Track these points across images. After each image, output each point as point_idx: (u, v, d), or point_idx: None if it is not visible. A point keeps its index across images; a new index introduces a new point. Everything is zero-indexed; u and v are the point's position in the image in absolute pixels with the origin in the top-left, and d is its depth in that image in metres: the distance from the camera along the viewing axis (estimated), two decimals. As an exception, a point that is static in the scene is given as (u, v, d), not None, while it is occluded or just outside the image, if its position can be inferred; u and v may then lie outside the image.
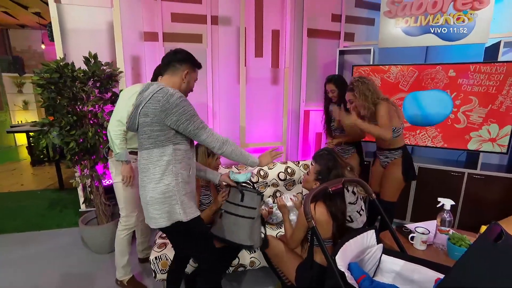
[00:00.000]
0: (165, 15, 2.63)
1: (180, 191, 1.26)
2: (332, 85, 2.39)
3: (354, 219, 1.90)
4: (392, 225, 1.58)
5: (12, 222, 2.88)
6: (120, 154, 1.69)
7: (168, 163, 1.23)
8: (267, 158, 1.48)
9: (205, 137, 1.25)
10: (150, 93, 1.22)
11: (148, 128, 1.23)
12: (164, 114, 1.18)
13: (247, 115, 2.96)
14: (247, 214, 1.44)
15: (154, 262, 1.80)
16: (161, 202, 1.25)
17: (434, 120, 2.62)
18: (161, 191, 1.24)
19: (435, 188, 2.59)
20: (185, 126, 1.21)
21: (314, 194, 1.20)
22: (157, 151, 1.23)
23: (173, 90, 1.22)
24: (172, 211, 1.26)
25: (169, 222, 1.26)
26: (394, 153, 2.05)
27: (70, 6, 2.40)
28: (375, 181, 2.20)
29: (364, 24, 3.24)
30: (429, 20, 2.62)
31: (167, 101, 1.17)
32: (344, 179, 1.31)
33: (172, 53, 1.33)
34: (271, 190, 2.62)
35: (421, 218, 2.63)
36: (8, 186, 3.80)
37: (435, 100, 2.59)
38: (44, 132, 2.05)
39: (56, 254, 2.38)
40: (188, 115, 1.20)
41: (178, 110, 1.18)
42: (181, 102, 1.19)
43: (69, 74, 2.07)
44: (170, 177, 1.24)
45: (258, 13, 2.90)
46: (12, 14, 6.02)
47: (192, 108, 1.23)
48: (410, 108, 2.69)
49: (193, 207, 1.33)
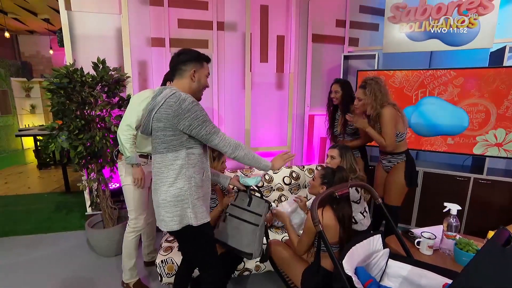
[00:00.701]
0: (172, 21, 2.68)
1: (192, 195, 1.27)
2: (338, 86, 2.41)
3: (358, 220, 1.91)
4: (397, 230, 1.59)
5: (20, 224, 2.92)
6: (131, 158, 1.72)
7: (182, 167, 1.25)
8: (279, 162, 1.47)
9: (217, 141, 1.25)
10: (163, 98, 1.23)
11: (161, 133, 1.24)
12: (176, 119, 1.19)
13: (252, 119, 2.98)
14: (252, 220, 1.44)
15: (160, 266, 1.81)
16: (173, 205, 1.26)
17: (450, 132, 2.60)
18: (174, 194, 1.25)
19: (441, 193, 2.57)
20: (197, 131, 1.22)
21: (321, 198, 1.21)
22: (171, 155, 1.24)
23: (185, 95, 1.23)
24: (184, 214, 1.27)
25: (179, 226, 1.27)
26: (397, 157, 2.05)
27: (80, 13, 2.46)
28: (379, 186, 2.19)
29: (368, 30, 3.27)
30: (433, 25, 2.63)
31: (180, 106, 1.19)
32: (350, 184, 1.32)
33: (175, 56, 1.33)
34: (276, 194, 2.63)
35: (427, 223, 2.62)
36: (16, 189, 3.85)
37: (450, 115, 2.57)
38: (53, 136, 2.09)
39: (62, 257, 2.40)
40: (200, 120, 1.21)
41: (191, 115, 1.19)
42: (193, 107, 1.20)
43: (78, 79, 2.11)
44: (183, 180, 1.25)
45: (263, 19, 2.94)
46: (22, 20, 6.16)
47: (204, 113, 1.23)
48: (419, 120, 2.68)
49: (204, 212, 1.33)
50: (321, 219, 1.48)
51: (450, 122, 2.55)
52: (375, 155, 3.01)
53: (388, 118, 1.92)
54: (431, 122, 2.62)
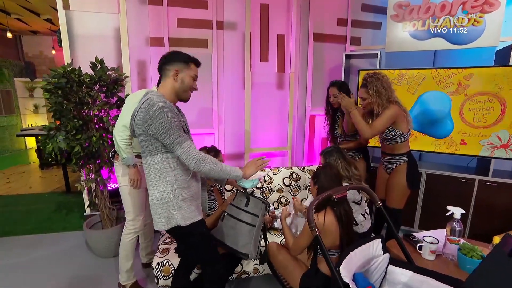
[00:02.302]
0: (171, 20, 2.65)
1: (176, 197, 1.26)
2: (335, 90, 2.36)
3: (359, 222, 1.87)
4: (399, 233, 1.54)
5: (21, 224, 2.92)
6: (127, 159, 1.70)
7: (160, 171, 1.24)
8: (251, 169, 1.39)
9: (180, 152, 1.19)
10: (140, 103, 1.24)
11: (139, 138, 1.25)
12: (145, 125, 1.18)
13: (252, 120, 2.95)
14: (249, 221, 1.41)
15: (156, 268, 1.78)
16: (159, 207, 1.27)
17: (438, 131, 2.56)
18: (157, 197, 1.27)
19: (444, 195, 2.51)
20: (162, 139, 1.18)
21: (318, 201, 1.17)
22: (149, 159, 1.26)
23: (157, 99, 1.19)
24: (170, 216, 1.27)
25: (167, 226, 1.28)
26: (398, 159, 1.99)
27: (79, 13, 2.45)
28: (380, 187, 2.14)
29: (370, 28, 3.21)
30: (437, 23, 2.57)
31: (148, 112, 1.17)
32: (349, 186, 1.28)
33: (162, 58, 1.32)
34: (276, 195, 2.59)
35: (430, 226, 2.56)
36: (17, 189, 3.86)
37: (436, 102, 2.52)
38: (50, 136, 2.07)
39: (61, 258, 2.39)
40: (165, 128, 1.16)
41: (156, 122, 1.15)
42: (159, 114, 1.15)
43: (76, 79, 2.10)
44: (165, 184, 1.25)
45: (263, 18, 2.90)
46: (25, 21, 6.19)
47: (170, 121, 1.17)
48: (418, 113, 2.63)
49: (193, 211, 1.31)
50: (323, 222, 1.45)
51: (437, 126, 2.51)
52: (377, 156, 2.96)
53: (388, 115, 1.86)
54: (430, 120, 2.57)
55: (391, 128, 1.92)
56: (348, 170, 1.82)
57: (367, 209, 1.95)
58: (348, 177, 1.81)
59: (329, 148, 1.93)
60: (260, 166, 1.41)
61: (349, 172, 1.82)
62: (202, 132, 2.93)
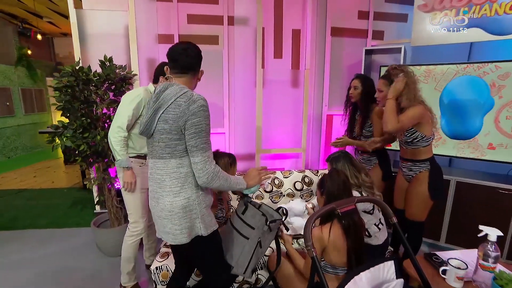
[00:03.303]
0: (181, 16, 2.59)
1: (200, 203, 1.17)
2: (358, 82, 2.16)
3: (372, 233, 1.68)
4: (422, 247, 1.34)
5: (39, 218, 3.03)
6: (121, 161, 1.64)
7: (187, 175, 1.13)
8: (254, 180, 1.28)
9: (198, 160, 1.09)
10: (172, 96, 1.10)
11: (166, 136, 1.11)
12: (182, 120, 1.08)
13: (264, 119, 2.81)
14: (242, 231, 1.28)
15: (155, 272, 1.73)
16: (181, 217, 1.14)
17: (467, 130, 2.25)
18: (181, 205, 1.14)
19: (478, 207, 2.21)
20: (189, 138, 1.09)
21: (319, 215, 1.02)
22: (174, 161, 1.12)
23: (198, 96, 1.11)
24: (193, 225, 1.17)
25: (189, 238, 1.18)
26: (419, 165, 1.76)
27: (91, 11, 2.46)
28: (399, 197, 1.92)
29: (395, 21, 2.94)
30: (474, 11, 2.27)
31: (188, 107, 1.07)
32: (357, 199, 1.11)
33: (184, 53, 1.16)
34: (286, 200, 2.45)
35: (459, 241, 2.28)
36: (41, 183, 4.05)
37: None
38: (58, 134, 2.09)
39: (70, 254, 2.43)
40: (198, 128, 1.08)
41: (194, 119, 1.07)
42: (199, 111, 1.08)
43: (83, 78, 2.09)
44: (190, 189, 1.14)
45: (277, 12, 2.75)
46: (56, 24, 6.54)
47: (206, 123, 1.10)
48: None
49: (212, 220, 1.24)
50: (328, 236, 1.30)
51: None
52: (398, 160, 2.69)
53: (415, 112, 1.65)
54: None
55: (413, 129, 1.71)
56: (358, 178, 1.65)
57: (382, 218, 1.75)
58: (357, 185, 1.63)
59: (336, 153, 1.77)
60: (264, 178, 1.32)
61: (359, 180, 1.64)
62: (212, 131, 2.83)
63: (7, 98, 5.81)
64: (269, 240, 1.35)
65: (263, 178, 1.31)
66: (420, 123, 1.69)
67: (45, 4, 5.17)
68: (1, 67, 5.74)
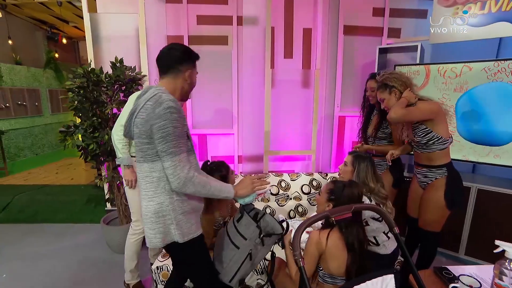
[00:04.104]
0: (191, 17, 2.61)
1: (175, 210, 1.12)
2: (374, 82, 2.06)
3: (381, 242, 1.58)
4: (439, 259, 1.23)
5: (57, 213, 3.17)
6: (122, 159, 1.67)
7: (159, 179, 1.10)
8: (245, 190, 1.19)
9: (167, 165, 1.04)
10: (144, 99, 1.10)
11: (138, 139, 1.12)
12: (148, 124, 1.06)
13: (274, 120, 2.76)
14: (234, 239, 1.22)
15: (155, 272, 1.73)
16: (154, 221, 1.12)
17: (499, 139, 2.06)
18: (154, 210, 1.12)
19: (501, 218, 2.03)
20: (157, 143, 1.04)
21: (310, 223, 0.96)
22: (146, 166, 1.11)
23: (167, 97, 1.07)
24: (167, 231, 1.13)
25: (163, 243, 1.15)
26: (435, 171, 1.63)
27: (105, 15, 2.54)
28: (413, 204, 1.80)
29: (413, 18, 2.78)
30: (502, 4, 2.09)
31: (153, 110, 1.04)
32: (354, 207, 1.04)
33: (167, 52, 1.17)
34: (293, 203, 2.38)
35: (480, 254, 2.11)
36: (61, 180, 4.25)
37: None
38: (70, 133, 2.17)
39: (81, 249, 2.53)
40: (165, 132, 1.03)
41: (159, 122, 1.03)
42: (166, 114, 1.02)
43: (94, 79, 2.16)
44: (163, 195, 1.11)
45: (287, 11, 2.69)
46: (81, 28, 6.87)
47: (175, 125, 1.04)
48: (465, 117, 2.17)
49: (193, 226, 1.17)
50: (325, 242, 1.23)
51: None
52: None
53: (427, 107, 1.55)
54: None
55: (427, 129, 1.58)
56: (374, 185, 1.56)
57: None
58: (371, 190, 1.55)
59: (363, 153, 1.69)
60: (256, 188, 1.22)
61: (375, 187, 1.56)
62: (220, 132, 2.85)
63: (36, 99, 6.18)
64: (263, 253, 1.27)
65: (256, 189, 1.22)
66: (434, 121, 1.56)
67: (71, 10, 5.44)
68: (32, 70, 6.12)
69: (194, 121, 2.76)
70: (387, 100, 1.67)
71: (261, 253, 1.27)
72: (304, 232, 0.93)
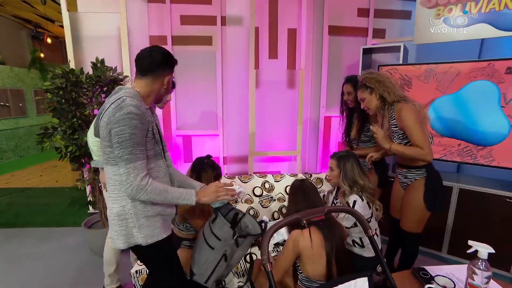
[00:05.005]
0: (174, 17, 2.57)
1: (138, 214, 1.10)
2: (350, 86, 2.08)
3: (365, 244, 1.57)
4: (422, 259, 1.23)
5: (38, 217, 3.10)
6: (96, 161, 1.65)
7: (121, 183, 1.07)
8: (209, 197, 1.18)
9: (122, 171, 1.03)
10: (110, 102, 1.08)
11: (101, 142, 1.10)
12: (108, 128, 1.04)
13: (259, 121, 2.74)
14: (209, 240, 1.21)
15: (134, 276, 1.70)
16: (116, 223, 1.12)
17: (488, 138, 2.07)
18: (116, 212, 1.11)
19: (483, 217, 2.05)
20: (114, 147, 1.03)
21: (280, 226, 0.94)
22: (110, 168, 1.10)
23: (130, 102, 1.03)
24: (130, 234, 1.12)
25: (126, 245, 1.13)
26: (414, 172, 1.63)
27: (86, 14, 2.48)
28: (395, 205, 1.80)
29: (397, 18, 2.81)
30: (482, 6, 2.12)
31: (114, 114, 1.02)
32: (328, 209, 1.02)
33: (148, 55, 1.13)
34: (277, 205, 2.37)
35: (462, 252, 2.12)
36: (45, 182, 4.16)
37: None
38: (48, 135, 2.11)
39: (64, 253, 2.47)
40: (121, 137, 1.01)
41: (116, 127, 1.01)
42: (124, 119, 1.01)
43: (73, 80, 2.10)
44: (125, 198, 1.09)
45: (272, 11, 2.68)
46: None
47: (132, 132, 1.02)
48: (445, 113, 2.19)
49: (157, 229, 1.15)
50: (309, 240, 1.22)
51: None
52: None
53: (414, 115, 1.52)
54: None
55: (405, 134, 1.58)
56: (364, 181, 1.56)
57: (378, 229, 1.65)
58: (362, 188, 1.55)
59: (343, 152, 1.69)
60: (220, 197, 1.19)
61: (364, 183, 1.56)
62: (205, 133, 2.82)
63: (20, 99, 6.03)
64: (239, 254, 1.26)
65: (220, 197, 1.19)
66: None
67: (55, 8, 5.33)
68: (15, 69, 5.97)
69: (179, 122, 2.73)
70: (368, 100, 1.67)
71: (237, 254, 1.26)
72: (273, 236, 0.92)
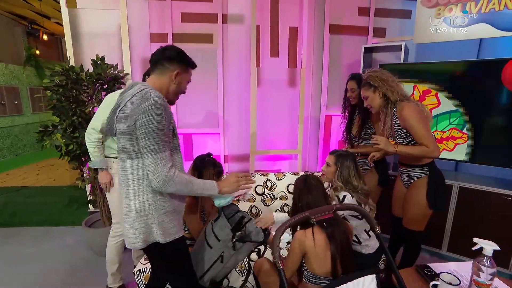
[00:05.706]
0: (175, 15, 2.55)
1: (158, 209, 1.09)
2: (354, 83, 2.07)
3: (362, 241, 1.59)
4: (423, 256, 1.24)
5: (35, 216, 3.05)
6: (94, 162, 1.65)
7: (142, 177, 1.07)
8: (230, 188, 1.17)
9: (148, 162, 1.02)
10: (130, 94, 1.07)
11: (121, 135, 1.08)
12: (132, 119, 1.03)
13: (260, 119, 2.74)
14: (208, 238, 1.20)
15: (137, 275, 1.68)
16: (135, 221, 1.09)
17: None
18: (135, 209, 1.08)
19: (483, 215, 2.08)
20: (140, 139, 1.02)
21: (290, 225, 0.94)
22: (130, 162, 1.08)
23: (154, 93, 1.04)
24: (149, 231, 1.10)
25: (144, 244, 1.11)
26: (417, 171, 1.64)
27: (85, 11, 2.45)
28: (397, 204, 1.82)
29: (398, 17, 2.82)
30: (482, 6, 2.14)
31: (139, 105, 1.02)
32: (336, 207, 1.03)
33: (160, 50, 1.17)
34: (279, 203, 2.37)
35: (463, 249, 2.15)
36: (42, 181, 4.11)
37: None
38: (48, 133, 2.09)
39: (63, 252, 2.44)
40: (149, 128, 1.00)
41: (143, 118, 1.00)
42: (151, 110, 1.01)
43: (74, 77, 2.08)
44: (146, 193, 1.08)
45: (273, 9, 2.67)
46: (63, 24, 6.64)
47: (160, 122, 1.02)
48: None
49: (175, 227, 1.14)
50: (312, 240, 1.22)
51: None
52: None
53: (416, 114, 1.52)
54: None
55: (408, 132, 1.60)
56: (358, 182, 1.57)
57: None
58: (354, 189, 1.55)
59: (343, 151, 1.69)
60: (242, 187, 1.20)
61: (358, 185, 1.57)
62: (206, 132, 2.80)
63: (16, 97, 5.95)
64: (236, 259, 1.24)
65: (241, 187, 1.19)
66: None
67: (51, 5, 5.25)
68: (10, 67, 5.88)
69: (180, 121, 2.71)
70: (371, 98, 1.68)
71: (234, 258, 1.25)
72: (284, 233, 0.92)
